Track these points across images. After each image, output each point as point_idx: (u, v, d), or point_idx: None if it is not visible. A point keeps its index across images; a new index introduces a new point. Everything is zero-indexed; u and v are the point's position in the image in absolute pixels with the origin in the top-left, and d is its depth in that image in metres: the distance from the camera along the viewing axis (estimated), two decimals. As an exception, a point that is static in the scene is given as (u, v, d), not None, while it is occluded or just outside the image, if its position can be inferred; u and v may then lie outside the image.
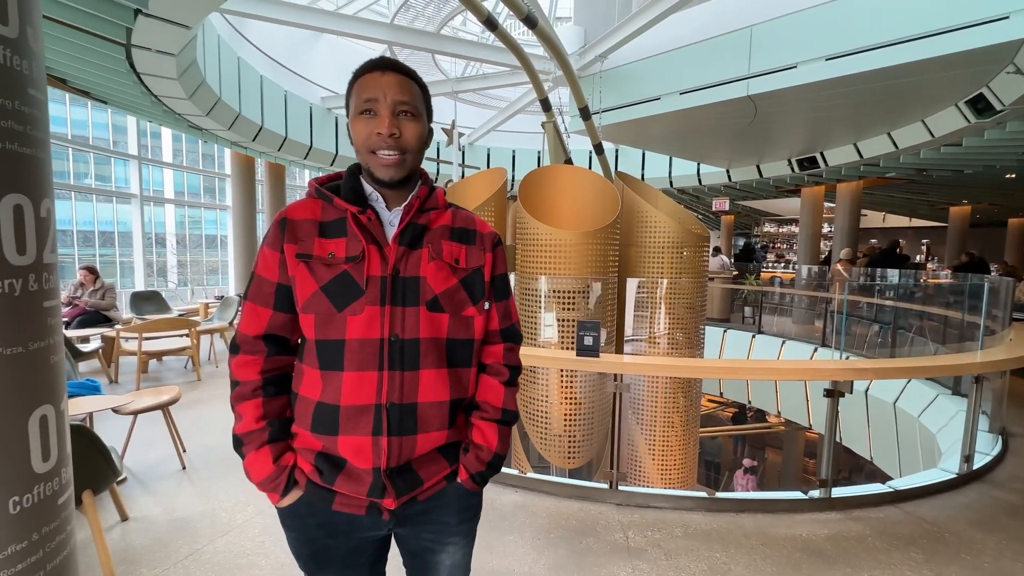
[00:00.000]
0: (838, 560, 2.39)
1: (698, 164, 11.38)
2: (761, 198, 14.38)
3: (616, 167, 12.06)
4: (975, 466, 3.34)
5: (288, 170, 11.71)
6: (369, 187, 1.02)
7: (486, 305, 1.08)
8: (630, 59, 6.89)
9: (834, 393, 2.95)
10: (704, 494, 2.93)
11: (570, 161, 6.38)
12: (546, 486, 3.05)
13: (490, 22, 5.27)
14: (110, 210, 10.01)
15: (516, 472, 3.24)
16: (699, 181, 11.67)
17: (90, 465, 2.18)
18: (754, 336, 8.51)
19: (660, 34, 6.32)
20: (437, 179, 9.97)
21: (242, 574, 2.20)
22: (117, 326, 5.74)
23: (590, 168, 10.80)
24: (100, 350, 5.33)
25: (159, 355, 5.91)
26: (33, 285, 0.98)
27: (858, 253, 10.15)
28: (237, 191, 10.60)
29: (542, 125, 6.43)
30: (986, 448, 3.71)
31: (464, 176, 8.11)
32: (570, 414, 3.84)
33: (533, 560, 2.35)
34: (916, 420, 5.12)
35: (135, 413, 3.18)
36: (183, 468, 3.28)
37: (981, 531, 2.65)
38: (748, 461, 8.71)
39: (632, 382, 4.23)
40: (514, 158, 13.33)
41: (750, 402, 8.76)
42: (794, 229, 20.30)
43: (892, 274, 8.38)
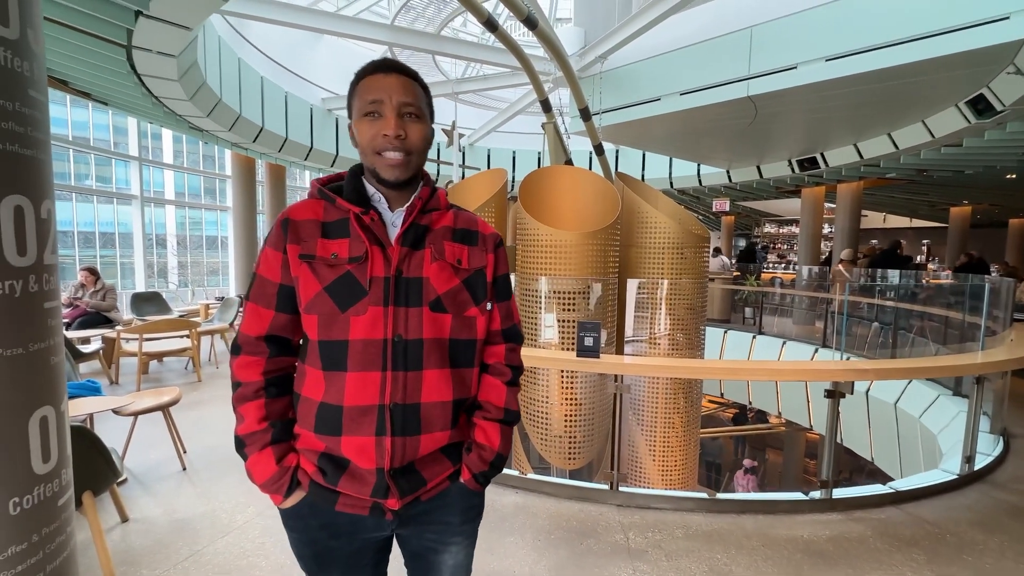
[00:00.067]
0: (839, 561, 2.38)
1: (698, 165, 11.37)
2: (761, 199, 14.38)
3: (616, 168, 12.06)
4: (976, 467, 3.34)
5: (289, 171, 11.72)
6: (372, 188, 1.02)
7: (488, 306, 1.08)
8: (630, 60, 6.90)
9: (835, 394, 2.95)
10: (705, 495, 2.92)
11: (570, 162, 6.38)
12: (547, 487, 3.05)
13: (490, 23, 5.27)
14: (111, 211, 10.02)
15: (517, 473, 3.24)
16: (699, 182, 11.66)
17: (90, 466, 2.18)
18: (755, 337, 8.50)
19: (660, 35, 6.32)
20: (437, 180, 9.94)
21: (242, 575, 2.20)
22: (118, 327, 5.73)
23: (590, 169, 10.82)
24: (101, 351, 5.33)
25: (160, 356, 5.91)
26: (33, 286, 0.98)
27: (859, 254, 10.14)
28: (237, 192, 10.61)
29: (542, 126, 6.43)
30: (987, 449, 3.71)
31: (464, 177, 8.12)
32: (570, 415, 3.83)
33: (534, 561, 2.35)
34: (917, 421, 5.11)
35: (135, 414, 3.18)
36: (183, 469, 3.28)
37: (983, 532, 2.65)
38: (749, 462, 8.69)
39: (632, 383, 4.23)
40: (514, 159, 13.32)
41: (751, 403, 8.76)
42: (794, 230, 20.28)
43: (893, 275, 8.37)
